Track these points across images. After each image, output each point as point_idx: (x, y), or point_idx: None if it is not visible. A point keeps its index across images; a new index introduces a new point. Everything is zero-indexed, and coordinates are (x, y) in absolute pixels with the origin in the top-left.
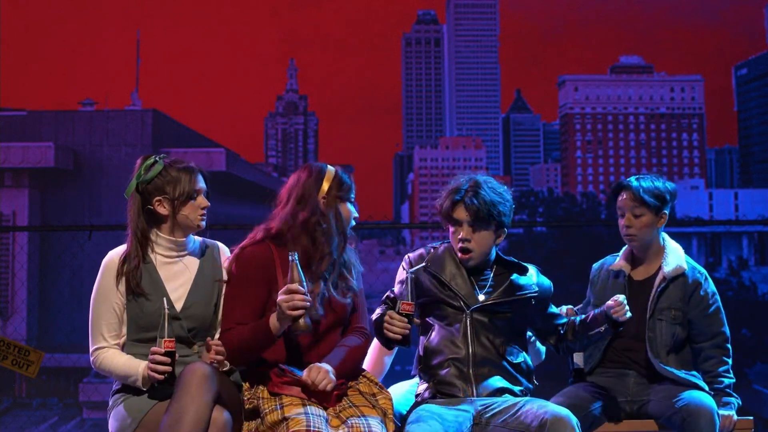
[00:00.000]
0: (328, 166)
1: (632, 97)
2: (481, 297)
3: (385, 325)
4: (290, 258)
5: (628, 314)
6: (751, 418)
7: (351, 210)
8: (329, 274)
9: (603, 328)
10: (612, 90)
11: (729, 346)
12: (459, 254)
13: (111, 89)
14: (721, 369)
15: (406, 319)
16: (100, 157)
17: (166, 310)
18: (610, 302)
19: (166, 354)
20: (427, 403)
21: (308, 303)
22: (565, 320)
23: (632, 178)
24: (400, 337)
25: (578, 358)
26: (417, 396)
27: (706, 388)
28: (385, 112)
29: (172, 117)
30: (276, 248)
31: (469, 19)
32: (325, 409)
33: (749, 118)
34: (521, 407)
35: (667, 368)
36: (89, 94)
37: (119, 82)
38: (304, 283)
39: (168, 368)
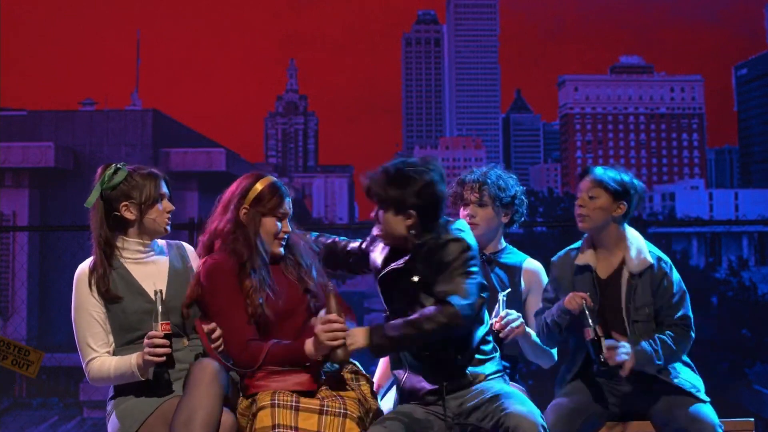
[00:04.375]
0: (265, 177)
1: (632, 97)
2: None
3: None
4: (328, 288)
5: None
6: (752, 419)
7: (276, 225)
8: (260, 276)
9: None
10: (612, 90)
11: (693, 328)
12: None
13: (111, 89)
14: (677, 340)
15: None
16: (100, 157)
17: (160, 294)
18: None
19: (164, 336)
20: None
21: (347, 333)
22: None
23: (599, 166)
24: None
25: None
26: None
27: (702, 396)
28: (385, 111)
29: (173, 117)
30: (227, 256)
31: (469, 19)
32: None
33: (749, 118)
34: (484, 405)
35: (660, 376)
36: (89, 94)
37: (119, 82)
38: (341, 314)
39: (168, 350)
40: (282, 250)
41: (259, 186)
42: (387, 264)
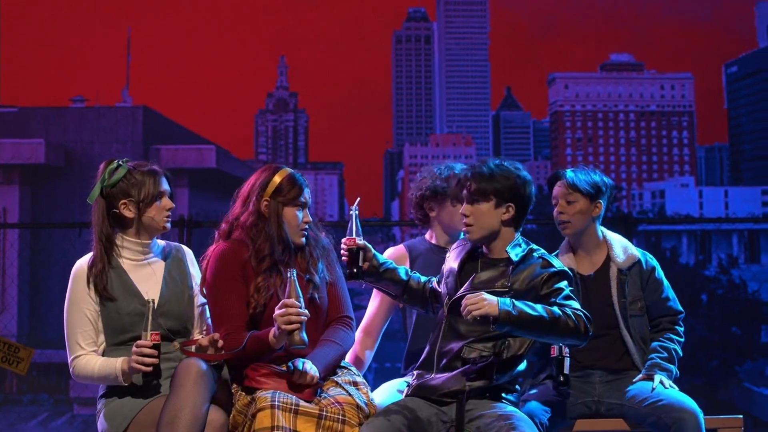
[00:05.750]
0: (283, 169)
1: (622, 94)
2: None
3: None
4: (288, 274)
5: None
6: (741, 417)
7: (297, 215)
8: (276, 272)
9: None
10: (602, 87)
11: (682, 323)
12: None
13: (102, 86)
14: (673, 340)
15: None
16: (91, 154)
17: (151, 304)
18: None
19: (153, 347)
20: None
21: (303, 318)
22: None
23: (568, 170)
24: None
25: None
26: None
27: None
28: (375, 109)
29: (163, 114)
30: (242, 246)
31: (460, 17)
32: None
33: (739, 116)
34: (493, 420)
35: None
36: (80, 90)
37: (110, 79)
38: (301, 299)
39: (155, 360)
40: (304, 240)
41: (277, 178)
42: (464, 265)
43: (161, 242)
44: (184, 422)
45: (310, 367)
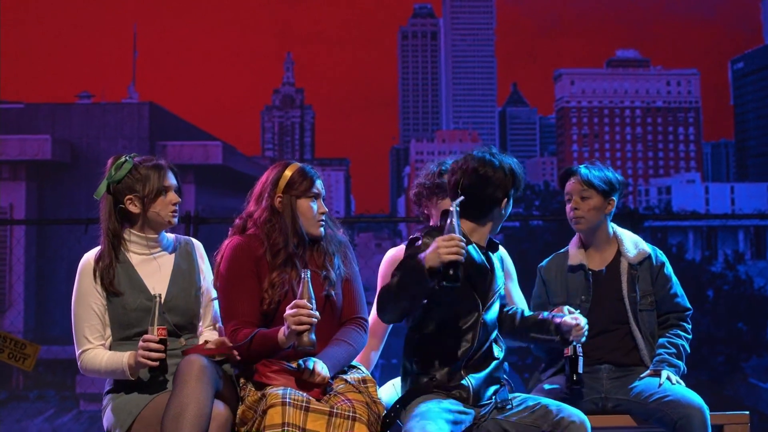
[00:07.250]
0: (292, 164)
1: (628, 90)
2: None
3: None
4: (302, 275)
5: (584, 339)
6: (747, 413)
7: (311, 207)
8: (291, 267)
9: (555, 339)
10: (608, 84)
11: (690, 320)
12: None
13: (108, 82)
14: (681, 336)
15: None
16: (97, 150)
17: (158, 299)
18: (569, 320)
19: (159, 341)
20: (431, 398)
21: (314, 319)
22: (513, 309)
23: (581, 166)
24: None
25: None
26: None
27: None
28: (381, 105)
29: (169, 110)
30: (257, 241)
31: (466, 13)
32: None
33: (745, 112)
34: (525, 403)
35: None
36: (86, 86)
37: (116, 75)
38: (313, 301)
39: (162, 355)
40: (322, 230)
41: (288, 172)
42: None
43: (170, 236)
44: (189, 418)
45: (321, 367)
